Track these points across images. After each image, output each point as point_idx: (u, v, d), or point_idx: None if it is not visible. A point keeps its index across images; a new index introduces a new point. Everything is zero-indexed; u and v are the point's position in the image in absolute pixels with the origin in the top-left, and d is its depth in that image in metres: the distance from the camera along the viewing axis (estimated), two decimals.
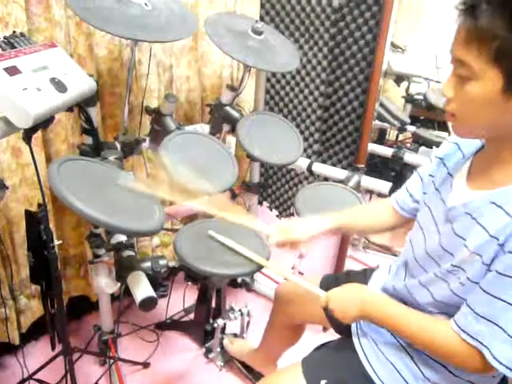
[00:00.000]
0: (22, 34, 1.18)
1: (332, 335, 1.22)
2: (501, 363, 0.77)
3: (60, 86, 1.13)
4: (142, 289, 1.16)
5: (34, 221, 1.20)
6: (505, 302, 0.77)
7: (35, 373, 1.64)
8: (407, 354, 0.99)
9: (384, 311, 0.96)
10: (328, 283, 1.30)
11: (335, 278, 1.32)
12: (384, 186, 1.76)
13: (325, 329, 2.06)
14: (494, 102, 0.75)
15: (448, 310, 0.90)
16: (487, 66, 0.72)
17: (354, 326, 1.14)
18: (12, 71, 1.04)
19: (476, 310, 0.81)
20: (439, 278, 0.90)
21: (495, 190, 0.81)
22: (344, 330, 1.19)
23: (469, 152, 0.95)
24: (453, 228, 0.87)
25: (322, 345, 1.16)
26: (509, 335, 0.76)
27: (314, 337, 1.95)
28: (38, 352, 1.82)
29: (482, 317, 0.80)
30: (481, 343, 0.80)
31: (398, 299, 1.03)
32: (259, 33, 1.70)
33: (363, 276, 1.27)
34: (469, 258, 0.82)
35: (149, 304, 1.15)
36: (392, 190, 1.74)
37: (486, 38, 0.71)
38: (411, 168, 2.51)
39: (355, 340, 1.09)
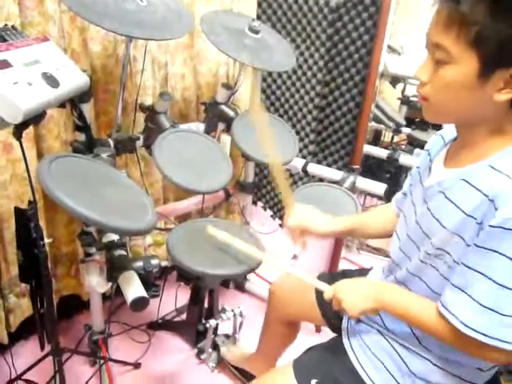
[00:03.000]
0: (13, 27, 1.16)
1: (325, 338, 1.21)
2: (473, 329, 0.77)
3: (52, 81, 1.11)
4: (133, 289, 1.14)
5: (24, 218, 1.18)
6: (477, 271, 0.77)
7: (24, 373, 1.62)
8: (394, 350, 0.99)
9: (399, 302, 0.93)
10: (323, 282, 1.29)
11: (330, 277, 1.31)
12: (379, 187, 1.75)
13: (317, 330, 2.05)
14: (468, 87, 0.76)
15: None
16: (465, 51, 0.73)
17: (344, 324, 1.14)
18: (2, 65, 1.02)
19: (452, 281, 0.82)
20: (426, 265, 0.90)
21: (465, 168, 0.83)
22: (338, 327, 1.18)
23: (448, 139, 0.97)
24: (428, 208, 0.89)
25: (313, 346, 1.16)
26: (480, 304, 0.77)
27: (307, 338, 1.94)
28: (27, 352, 1.79)
29: (455, 286, 0.81)
30: (448, 310, 0.81)
31: None
32: (256, 31, 1.69)
33: (358, 276, 1.25)
34: (449, 238, 0.83)
35: (140, 304, 1.13)
36: (387, 192, 1.74)
37: (466, 23, 0.71)
38: (406, 170, 2.51)
39: (345, 338, 1.10)
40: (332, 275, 1.33)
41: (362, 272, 1.28)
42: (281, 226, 2.58)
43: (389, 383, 0.98)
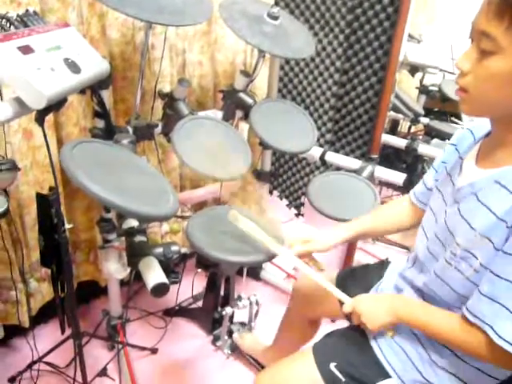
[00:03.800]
0: (34, 13, 1.16)
1: (340, 327, 1.21)
2: (506, 341, 0.76)
3: (74, 67, 1.11)
4: (154, 275, 1.14)
5: (46, 204, 1.19)
6: (507, 280, 0.76)
7: (45, 355, 1.65)
8: (416, 338, 0.99)
9: (417, 315, 0.93)
10: (344, 278, 1.29)
11: (350, 273, 1.31)
12: (398, 176, 1.73)
13: (333, 320, 2.05)
14: None
15: None
16: None
17: None
18: (25, 50, 1.01)
19: (480, 290, 0.81)
20: (451, 266, 0.88)
21: (499, 169, 0.80)
22: None
23: (479, 136, 0.94)
24: (459, 209, 0.87)
25: (333, 331, 1.16)
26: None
27: (322, 327, 1.94)
28: (48, 335, 1.82)
29: (485, 296, 0.79)
30: (483, 321, 0.79)
31: (423, 296, 1.02)
32: (275, 18, 1.67)
33: (380, 269, 1.25)
34: (478, 240, 0.80)
35: (161, 290, 1.14)
36: (406, 182, 1.72)
37: None
38: (423, 160, 2.49)
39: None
40: (352, 270, 1.33)
41: (384, 265, 1.26)
42: (297, 215, 2.57)
43: (409, 370, 0.98)
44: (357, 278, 1.27)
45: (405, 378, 0.98)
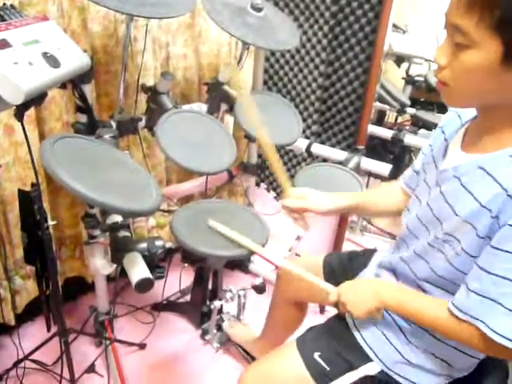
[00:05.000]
0: (12, 6, 1.14)
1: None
2: (502, 335, 0.75)
3: (53, 61, 1.09)
4: (137, 270, 1.13)
5: (28, 200, 1.17)
6: (495, 275, 0.75)
7: (31, 353, 1.64)
8: (395, 323, 1.00)
9: (404, 302, 0.92)
10: (332, 267, 1.30)
11: (337, 257, 1.32)
12: (384, 167, 1.73)
13: (321, 311, 2.06)
14: (490, 72, 0.71)
15: (448, 287, 0.90)
16: (487, 35, 0.69)
17: None
18: (2, 45, 0.99)
19: (468, 286, 0.80)
20: (434, 248, 0.89)
21: (484, 155, 0.79)
22: None
23: (466, 120, 0.93)
24: (442, 192, 0.87)
25: (315, 325, 1.17)
26: (506, 308, 0.74)
27: (311, 319, 1.95)
28: (34, 333, 1.81)
29: (473, 292, 0.79)
30: (473, 317, 0.79)
31: (395, 273, 1.04)
32: (259, 9, 1.65)
33: (364, 257, 1.26)
34: (461, 226, 0.80)
35: (145, 286, 1.13)
36: (392, 172, 1.73)
37: (488, 5, 0.67)
38: (410, 150, 2.49)
39: (348, 316, 1.10)
40: (339, 256, 1.34)
41: (368, 253, 1.27)
42: None
43: (390, 353, 1.00)
44: (345, 266, 1.28)
45: (386, 360, 1.00)
